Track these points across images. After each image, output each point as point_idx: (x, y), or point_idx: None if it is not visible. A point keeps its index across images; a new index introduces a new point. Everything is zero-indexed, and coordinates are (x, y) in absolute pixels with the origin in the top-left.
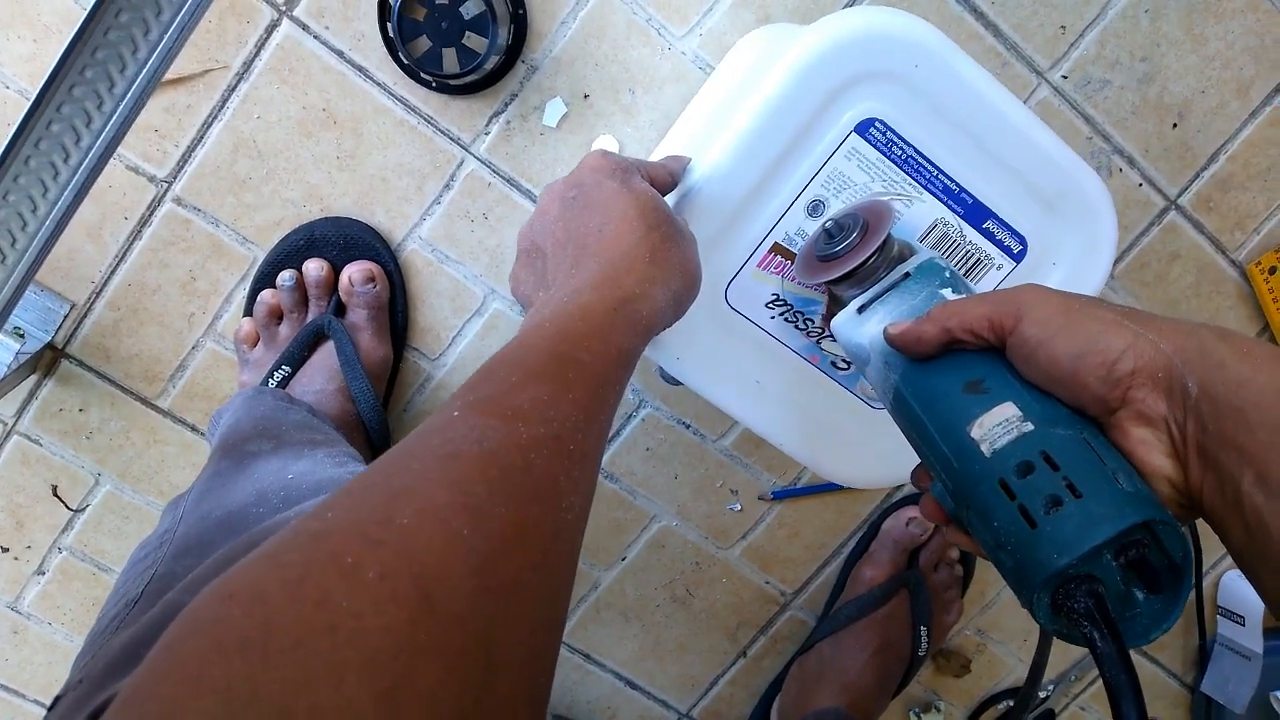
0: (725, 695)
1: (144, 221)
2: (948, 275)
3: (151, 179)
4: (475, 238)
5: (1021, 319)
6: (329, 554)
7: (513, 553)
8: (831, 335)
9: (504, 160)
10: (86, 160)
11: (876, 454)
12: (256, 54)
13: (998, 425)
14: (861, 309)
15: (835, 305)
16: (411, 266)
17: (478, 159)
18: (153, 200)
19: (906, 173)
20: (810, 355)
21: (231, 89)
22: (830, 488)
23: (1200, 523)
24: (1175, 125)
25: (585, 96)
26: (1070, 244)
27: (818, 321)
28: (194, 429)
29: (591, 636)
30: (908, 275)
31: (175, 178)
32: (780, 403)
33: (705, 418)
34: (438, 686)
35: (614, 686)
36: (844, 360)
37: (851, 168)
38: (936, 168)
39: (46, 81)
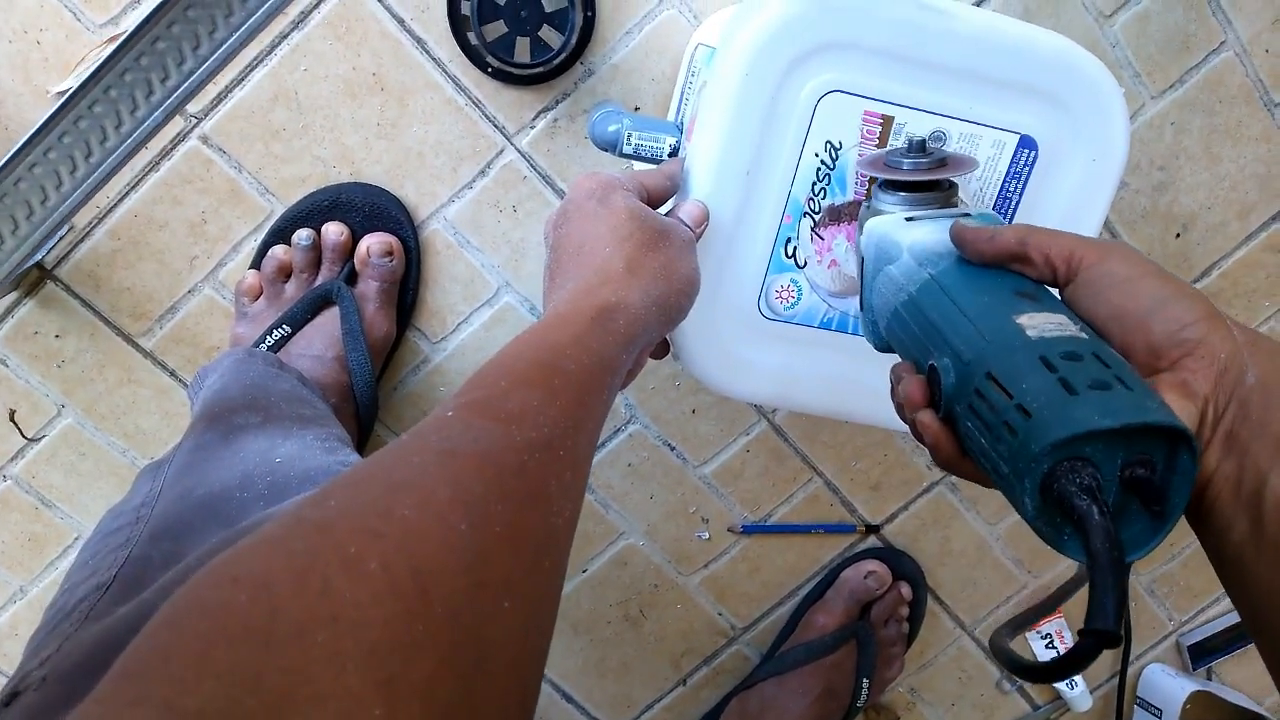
0: None
1: (165, 154)
2: None
3: (181, 112)
4: (500, 228)
5: (1107, 259)
6: (333, 544)
7: (506, 552)
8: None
9: (543, 157)
10: (149, 119)
11: (728, 355)
12: (316, 6)
13: (1049, 323)
14: (911, 219)
15: (870, 214)
16: (431, 246)
17: (518, 150)
18: (178, 134)
19: (999, 206)
20: (786, 214)
21: (284, 36)
22: (800, 529)
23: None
24: (1179, 235)
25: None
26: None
27: (822, 203)
28: (173, 374)
29: None
30: (968, 215)
31: (206, 115)
32: (727, 198)
33: (691, 442)
34: (433, 678)
35: (550, 697)
36: (790, 253)
37: (985, 150)
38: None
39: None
